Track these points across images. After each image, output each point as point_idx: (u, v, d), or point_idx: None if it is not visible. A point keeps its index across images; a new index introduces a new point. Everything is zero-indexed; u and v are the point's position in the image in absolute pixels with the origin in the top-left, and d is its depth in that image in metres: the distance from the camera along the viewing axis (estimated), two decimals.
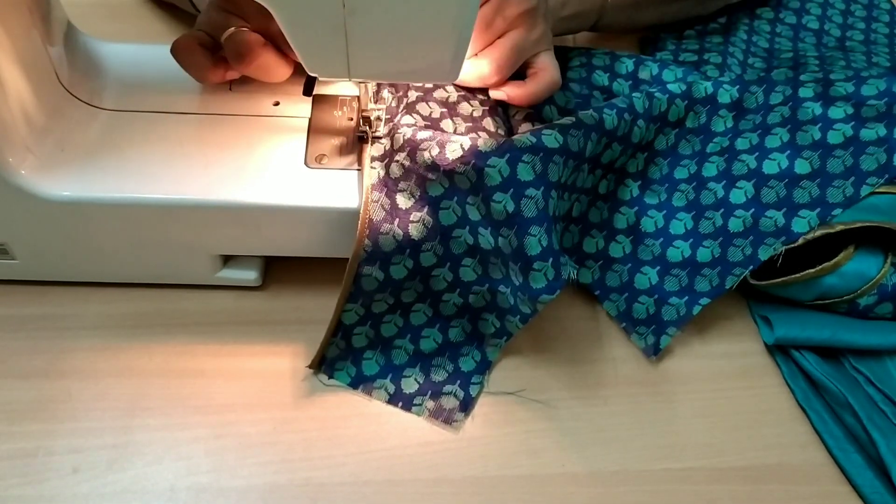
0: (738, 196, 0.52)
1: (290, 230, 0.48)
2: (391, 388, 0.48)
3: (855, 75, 0.54)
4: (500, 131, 0.50)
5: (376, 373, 0.49)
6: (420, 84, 0.51)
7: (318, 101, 0.52)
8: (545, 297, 0.45)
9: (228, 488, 0.45)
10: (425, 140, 0.45)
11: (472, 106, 0.51)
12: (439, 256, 0.47)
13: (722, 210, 0.52)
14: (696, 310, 0.50)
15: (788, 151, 0.52)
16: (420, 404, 0.48)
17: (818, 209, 0.50)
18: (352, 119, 0.51)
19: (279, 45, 0.48)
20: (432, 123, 0.48)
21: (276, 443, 0.46)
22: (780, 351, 0.52)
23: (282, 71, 0.49)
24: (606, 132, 0.49)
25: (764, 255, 0.49)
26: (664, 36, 0.67)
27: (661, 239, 0.53)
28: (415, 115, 0.49)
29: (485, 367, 0.49)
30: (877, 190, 0.50)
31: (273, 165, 0.48)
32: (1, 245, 0.48)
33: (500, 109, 0.52)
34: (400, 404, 0.48)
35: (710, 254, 0.52)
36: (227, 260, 0.52)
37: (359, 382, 0.48)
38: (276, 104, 0.51)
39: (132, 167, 0.47)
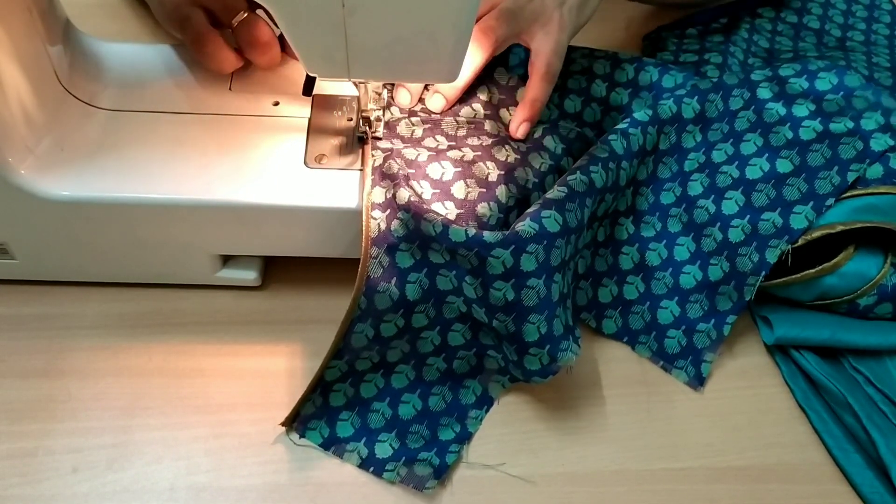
0: (730, 207, 0.52)
1: (289, 230, 0.48)
2: (364, 452, 0.46)
3: (803, 69, 0.54)
4: (511, 202, 0.48)
5: (350, 435, 0.46)
6: (433, 147, 0.49)
7: (318, 101, 0.52)
8: (537, 378, 0.46)
9: (228, 488, 0.45)
10: (431, 212, 0.44)
11: (487, 168, 0.48)
12: (430, 319, 0.47)
13: (718, 224, 0.52)
14: (727, 329, 0.50)
15: (767, 154, 0.52)
16: (392, 470, 0.45)
17: (811, 202, 0.50)
18: (351, 119, 0.51)
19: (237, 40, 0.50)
20: (442, 189, 0.47)
21: (275, 442, 0.46)
22: (779, 351, 0.52)
23: (230, 61, 0.50)
24: (598, 190, 0.48)
25: (772, 257, 0.49)
26: (665, 35, 0.67)
27: (670, 269, 0.53)
28: (422, 181, 0.47)
29: (464, 437, 0.47)
30: (876, 190, 0.50)
31: (272, 165, 0.48)
32: (1, 245, 0.49)
33: (515, 174, 0.48)
34: (371, 469, 0.45)
35: (720, 270, 0.51)
36: (227, 260, 0.52)
37: (331, 444, 0.46)
38: (276, 104, 0.51)
39: (132, 167, 0.47)
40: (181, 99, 0.51)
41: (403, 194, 0.45)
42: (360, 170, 0.48)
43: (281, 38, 0.51)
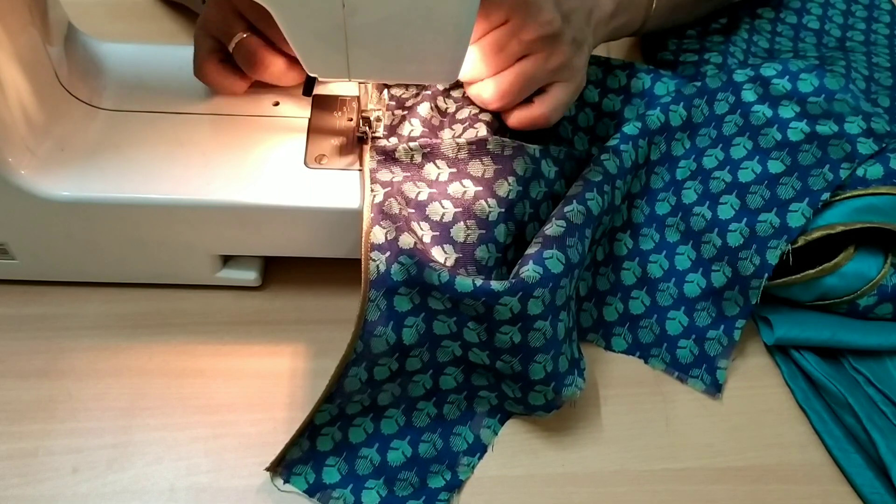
0: (726, 212, 0.52)
1: (289, 230, 0.48)
2: (350, 500, 0.44)
3: (785, 69, 0.54)
4: (509, 240, 0.47)
5: (336, 482, 0.45)
6: (433, 177, 0.48)
7: (318, 101, 0.52)
8: (541, 413, 0.47)
9: (228, 488, 0.45)
10: (434, 262, 0.44)
11: (488, 206, 0.46)
12: (424, 362, 0.46)
13: (716, 230, 0.51)
14: (737, 335, 0.50)
15: (757, 157, 0.52)
16: None
17: (806, 199, 0.50)
18: (351, 119, 0.51)
19: (280, 46, 0.48)
20: (441, 232, 0.46)
21: (276, 443, 0.46)
22: (780, 351, 0.52)
23: (292, 76, 0.49)
24: (595, 218, 0.48)
25: (773, 258, 0.49)
26: (666, 35, 0.67)
27: (673, 279, 0.53)
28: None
29: (454, 486, 0.45)
30: (877, 191, 0.50)
31: (272, 165, 0.48)
32: (1, 245, 0.49)
33: (514, 211, 0.47)
34: None
35: (723, 276, 0.51)
36: (227, 260, 0.52)
37: (316, 490, 0.44)
38: (276, 104, 0.51)
39: (132, 167, 0.47)
40: (181, 99, 0.51)
41: (408, 240, 0.44)
42: (360, 170, 0.48)
43: None
